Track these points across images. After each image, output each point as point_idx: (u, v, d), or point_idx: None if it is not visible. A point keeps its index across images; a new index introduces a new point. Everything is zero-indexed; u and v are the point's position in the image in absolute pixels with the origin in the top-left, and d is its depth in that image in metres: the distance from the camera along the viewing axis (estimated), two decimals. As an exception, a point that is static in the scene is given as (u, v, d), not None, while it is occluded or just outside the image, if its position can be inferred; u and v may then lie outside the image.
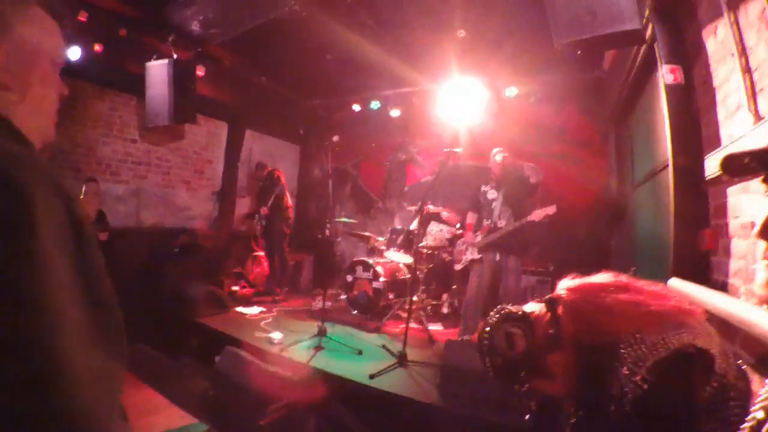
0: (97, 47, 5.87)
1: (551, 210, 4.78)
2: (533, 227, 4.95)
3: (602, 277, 1.21)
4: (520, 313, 1.21)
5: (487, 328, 1.21)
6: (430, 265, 6.43)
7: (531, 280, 6.20)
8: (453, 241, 6.46)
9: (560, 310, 1.15)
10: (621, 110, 5.61)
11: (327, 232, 5.73)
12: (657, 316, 1.03)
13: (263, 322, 5.64)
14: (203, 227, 7.97)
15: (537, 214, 4.80)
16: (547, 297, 1.21)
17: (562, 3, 3.10)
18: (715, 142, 2.88)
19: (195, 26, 6.12)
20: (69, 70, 5.58)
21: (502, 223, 5.06)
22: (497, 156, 5.23)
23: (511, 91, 7.16)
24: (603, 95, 6.40)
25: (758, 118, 2.33)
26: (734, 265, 2.57)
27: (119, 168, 6.63)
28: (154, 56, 6.07)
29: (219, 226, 8.03)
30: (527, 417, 1.19)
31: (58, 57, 0.87)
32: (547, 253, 6.50)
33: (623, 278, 1.19)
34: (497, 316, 1.22)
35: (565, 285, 1.22)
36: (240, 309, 6.20)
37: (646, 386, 0.89)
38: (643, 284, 1.17)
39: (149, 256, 6.66)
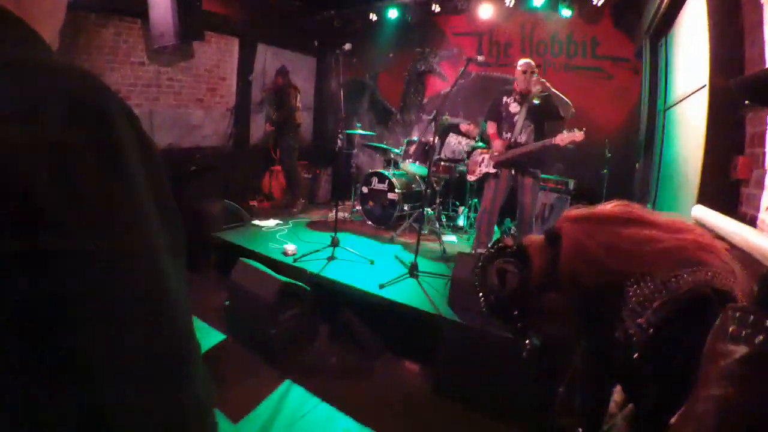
0: None
1: (579, 136, 4.42)
2: (556, 148, 4.67)
3: (612, 208, 1.06)
4: (515, 247, 1.09)
5: (480, 263, 1.13)
6: (447, 177, 6.33)
7: (550, 196, 6.07)
8: (471, 154, 6.30)
9: (561, 245, 1.01)
10: (659, 25, 5.23)
11: (339, 144, 5.61)
12: (672, 252, 0.90)
13: (279, 234, 5.72)
14: (219, 144, 7.87)
15: (563, 138, 4.46)
16: (546, 229, 1.10)
17: None
18: (760, 64, 2.66)
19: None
20: (70, 3, 5.38)
21: (522, 139, 4.79)
22: (527, 72, 4.76)
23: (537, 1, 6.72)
24: (641, 8, 5.95)
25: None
26: (767, 199, 2.41)
27: (129, 93, 6.42)
28: (156, -27, 5.77)
29: (235, 143, 7.93)
30: (524, 354, 1.12)
31: None
32: (569, 170, 6.35)
33: (636, 208, 1.05)
34: (492, 249, 1.13)
35: (568, 216, 1.09)
36: (256, 222, 6.26)
37: (651, 330, 0.79)
38: (659, 216, 1.03)
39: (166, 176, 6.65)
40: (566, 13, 6.73)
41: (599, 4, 6.38)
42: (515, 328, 1.08)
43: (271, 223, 6.27)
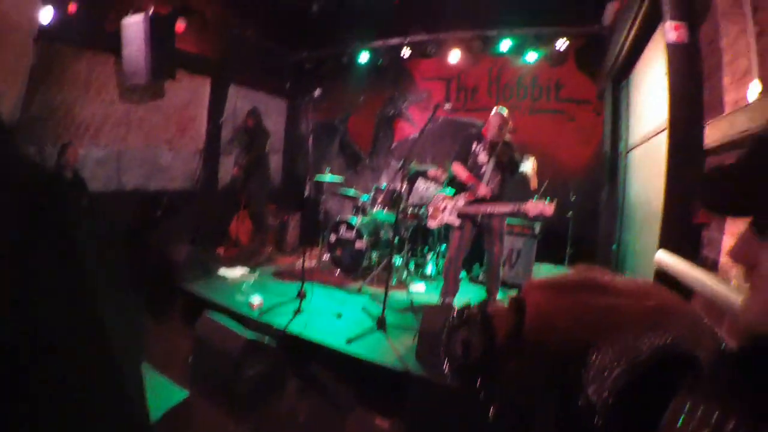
0: (72, 7, 5.55)
1: (549, 210, 4.23)
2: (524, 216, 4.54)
3: (574, 276, 1.05)
4: (479, 317, 1.07)
5: (444, 331, 1.10)
6: (415, 223, 6.27)
7: (517, 241, 6.02)
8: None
9: (525, 314, 0.99)
10: (620, 68, 5.38)
11: (307, 193, 5.55)
12: (634, 319, 0.88)
13: (245, 285, 5.55)
14: (187, 187, 7.71)
15: (534, 207, 4.28)
16: (511, 297, 1.07)
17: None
18: (719, 108, 2.69)
19: (173, -22, 5.82)
20: (43, 34, 5.33)
21: (490, 189, 4.74)
22: (502, 127, 4.74)
23: (506, 45, 6.90)
24: (602, 52, 6.13)
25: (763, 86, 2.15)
26: (727, 242, 2.43)
27: (99, 130, 6.30)
28: (130, 11, 5.76)
29: (203, 186, 7.78)
30: (490, 417, 1.07)
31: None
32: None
33: (600, 275, 1.03)
34: (456, 318, 1.10)
35: (532, 284, 1.07)
36: (223, 271, 6.05)
37: (611, 398, 0.77)
38: (622, 282, 1.01)
39: (132, 219, 6.50)
40: (531, 57, 6.89)
41: (562, 49, 6.55)
42: (480, 395, 1.05)
43: (238, 272, 6.08)
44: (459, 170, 4.94)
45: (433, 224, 5.23)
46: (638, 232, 4.30)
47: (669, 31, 3.14)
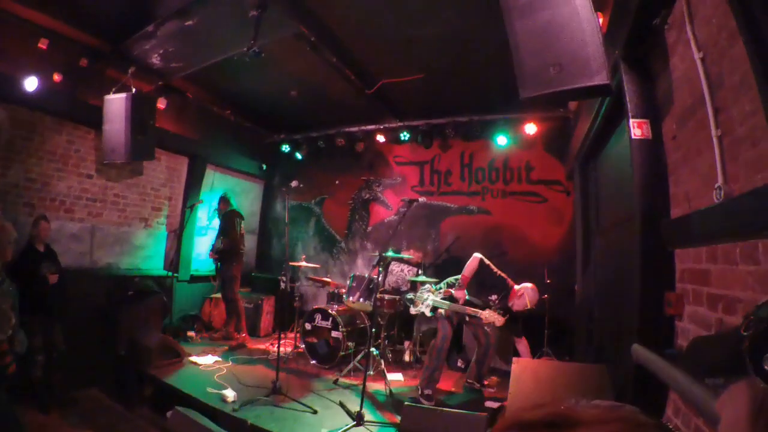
0: (57, 77, 5.67)
1: (500, 322, 4.74)
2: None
3: (537, 413, 1.04)
4: None
5: None
6: (392, 311, 6.21)
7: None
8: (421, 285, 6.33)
9: None
10: (587, 152, 5.55)
11: (282, 284, 5.49)
12: None
13: (217, 375, 5.32)
14: (160, 268, 7.59)
15: (487, 317, 4.74)
16: None
17: (528, 53, 2.98)
18: (684, 203, 2.78)
19: (156, 59, 5.99)
20: (26, 101, 5.40)
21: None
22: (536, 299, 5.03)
23: (477, 130, 7.16)
24: (570, 134, 6.38)
25: (728, 187, 2.23)
26: (696, 332, 2.47)
27: (74, 205, 6.28)
28: (114, 89, 5.85)
29: (176, 267, 7.64)
30: None
31: None
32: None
33: (564, 407, 1.01)
34: None
35: (497, 427, 1.06)
36: (194, 358, 5.82)
37: None
38: (587, 411, 0.99)
39: (104, 298, 6.32)
40: (502, 141, 7.12)
41: (531, 133, 6.80)
42: None
43: (210, 360, 5.85)
44: (471, 267, 5.08)
45: (413, 310, 5.37)
46: (614, 313, 4.32)
47: (632, 128, 3.29)
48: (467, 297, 5.02)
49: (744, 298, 1.96)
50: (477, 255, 5.13)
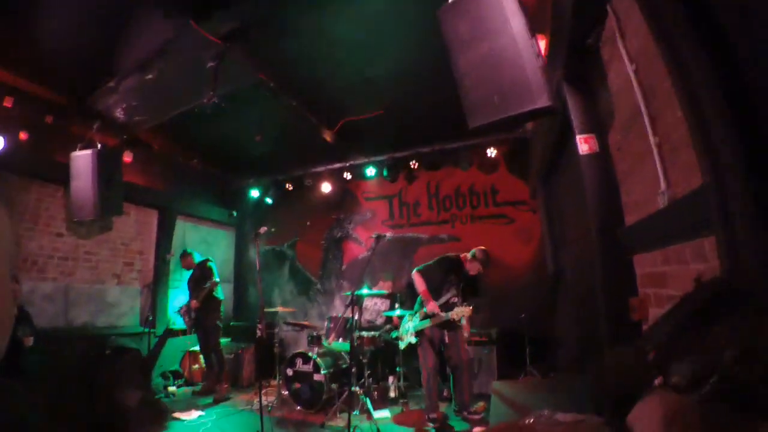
0: (23, 135, 5.68)
1: (467, 312, 4.87)
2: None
3: (503, 428, 1.12)
4: None
5: None
6: (372, 348, 6.18)
7: (477, 351, 6.03)
8: (391, 319, 6.37)
9: None
10: (546, 170, 5.70)
11: (259, 333, 5.45)
12: None
13: (202, 430, 5.21)
14: (136, 324, 7.45)
15: (456, 313, 4.89)
16: None
17: (470, 86, 3.10)
18: (636, 210, 2.89)
19: (119, 113, 6.04)
20: None
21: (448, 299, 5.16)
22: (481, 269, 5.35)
23: (440, 159, 7.32)
24: (529, 154, 6.55)
25: (671, 191, 2.33)
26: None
27: (46, 264, 6.20)
28: (79, 145, 5.84)
29: (152, 322, 7.53)
30: None
31: None
32: (492, 319, 6.44)
33: (526, 425, 1.09)
34: None
35: None
36: (177, 414, 5.68)
37: None
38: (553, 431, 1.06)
39: (79, 358, 6.16)
40: (465, 167, 7.27)
41: (493, 155, 6.96)
42: None
43: (193, 415, 5.70)
44: (419, 282, 5.23)
45: (402, 345, 5.52)
46: (590, 326, 4.38)
47: (580, 144, 3.42)
48: (438, 305, 5.11)
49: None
50: (414, 272, 5.35)
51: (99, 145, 5.84)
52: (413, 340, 5.21)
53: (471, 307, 4.85)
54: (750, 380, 0.56)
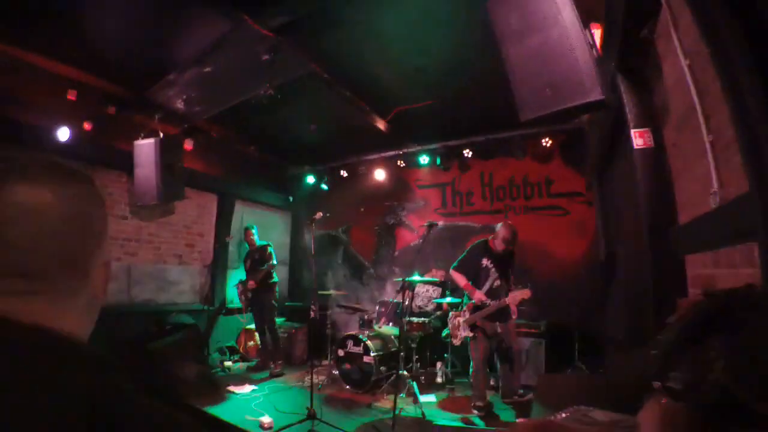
0: (87, 125, 6.01)
1: (526, 294, 4.85)
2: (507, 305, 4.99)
3: (536, 423, 1.16)
4: None
5: None
6: (421, 333, 6.27)
7: (525, 341, 5.98)
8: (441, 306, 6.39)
9: None
10: (602, 164, 5.57)
11: (312, 313, 5.61)
12: None
13: (254, 403, 5.47)
14: (195, 301, 7.85)
15: (513, 297, 4.88)
16: None
17: (521, 78, 3.08)
18: (689, 209, 2.82)
19: (179, 104, 6.29)
20: (59, 150, 5.70)
21: (495, 286, 5.14)
22: (510, 242, 5.15)
23: (494, 149, 7.26)
24: (586, 145, 6.38)
25: (723, 191, 2.27)
26: None
27: (111, 245, 6.57)
28: (142, 134, 6.20)
29: (211, 300, 7.91)
30: None
31: None
32: (542, 313, 6.36)
33: (559, 421, 1.13)
34: None
35: None
36: (232, 388, 5.99)
37: None
38: (573, 426, 1.10)
39: (141, 333, 6.56)
40: (519, 156, 7.17)
41: (548, 145, 6.83)
42: None
43: (247, 389, 6.01)
44: (458, 278, 5.29)
45: (456, 342, 5.47)
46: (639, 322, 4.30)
47: (634, 138, 3.35)
48: (484, 294, 5.13)
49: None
50: (450, 271, 5.40)
51: (161, 134, 6.17)
52: (469, 334, 5.20)
53: (529, 290, 4.86)
54: (737, 391, 0.59)
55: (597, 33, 3.52)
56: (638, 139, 3.34)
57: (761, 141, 1.59)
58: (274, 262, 7.25)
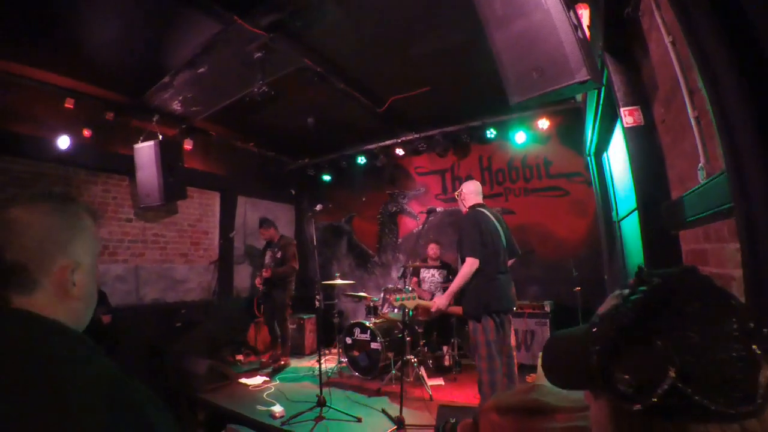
0: (86, 132, 6.11)
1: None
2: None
3: (520, 397, 1.15)
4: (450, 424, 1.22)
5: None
6: (427, 318, 6.34)
7: (530, 322, 6.06)
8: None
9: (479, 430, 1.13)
10: (598, 143, 5.56)
11: (317, 303, 5.66)
12: None
13: (266, 393, 5.59)
14: (203, 298, 7.97)
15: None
16: (476, 414, 1.18)
17: (509, 62, 3.10)
18: (680, 185, 2.84)
19: (176, 106, 6.36)
20: (60, 159, 5.80)
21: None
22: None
23: (491, 133, 7.24)
24: (582, 125, 6.36)
25: (710, 166, 2.30)
26: None
27: (117, 248, 6.73)
28: (141, 137, 6.29)
29: (219, 296, 8.03)
30: None
31: None
32: (545, 292, 6.41)
33: (543, 394, 1.13)
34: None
35: (483, 407, 1.18)
36: (243, 380, 6.14)
37: None
38: (567, 396, 1.10)
39: (151, 332, 6.67)
40: (519, 139, 7.19)
41: (545, 127, 6.84)
42: None
43: (258, 380, 6.14)
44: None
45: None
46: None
47: (624, 116, 3.36)
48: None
49: (737, 276, 2.00)
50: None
51: (160, 136, 6.26)
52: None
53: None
54: (692, 392, 0.60)
55: (585, 14, 3.52)
56: (628, 117, 3.35)
57: (731, 116, 1.62)
58: (296, 266, 7.27)
